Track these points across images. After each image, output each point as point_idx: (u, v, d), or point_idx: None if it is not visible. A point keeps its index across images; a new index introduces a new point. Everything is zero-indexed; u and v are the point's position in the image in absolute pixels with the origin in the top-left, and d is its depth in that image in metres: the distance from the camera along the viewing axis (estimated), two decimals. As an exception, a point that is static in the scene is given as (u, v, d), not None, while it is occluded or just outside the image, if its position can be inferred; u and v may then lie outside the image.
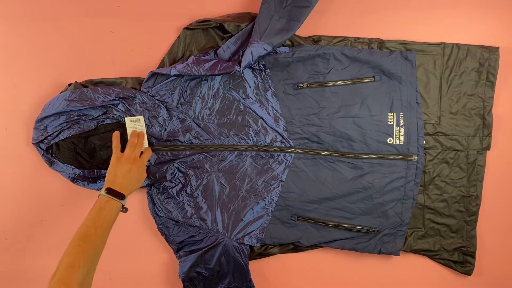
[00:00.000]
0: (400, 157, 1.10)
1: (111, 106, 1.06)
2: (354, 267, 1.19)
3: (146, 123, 1.08)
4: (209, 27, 1.11)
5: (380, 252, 1.11)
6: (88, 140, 1.08)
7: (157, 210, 1.11)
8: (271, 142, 1.11)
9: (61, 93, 1.09)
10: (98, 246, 0.85)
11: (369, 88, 1.10)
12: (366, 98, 1.10)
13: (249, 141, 1.11)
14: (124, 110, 1.06)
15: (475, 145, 1.13)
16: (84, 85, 1.11)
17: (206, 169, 1.11)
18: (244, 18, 1.11)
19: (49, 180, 1.16)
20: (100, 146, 1.10)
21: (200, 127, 1.11)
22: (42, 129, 1.05)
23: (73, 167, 1.06)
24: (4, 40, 1.16)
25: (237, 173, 1.11)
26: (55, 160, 1.07)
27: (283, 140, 1.11)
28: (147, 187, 1.12)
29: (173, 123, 1.09)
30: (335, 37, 1.14)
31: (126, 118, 1.06)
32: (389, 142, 1.10)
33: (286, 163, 1.11)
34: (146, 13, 1.17)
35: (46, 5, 1.16)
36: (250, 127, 1.11)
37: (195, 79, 1.09)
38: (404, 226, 1.11)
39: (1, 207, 1.18)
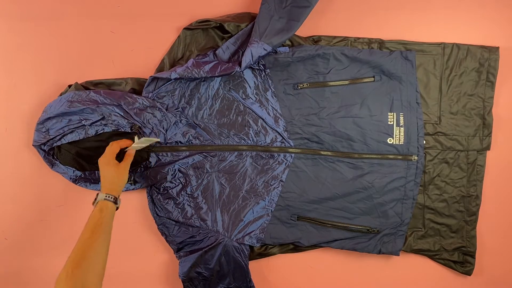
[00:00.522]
0: (400, 157, 1.10)
1: (110, 111, 1.04)
2: (354, 267, 1.19)
3: (147, 127, 1.08)
4: (209, 27, 1.11)
5: (380, 252, 1.11)
6: (90, 143, 1.08)
7: (157, 210, 1.11)
8: (271, 142, 1.12)
9: (61, 94, 1.10)
10: (106, 240, 0.87)
11: (369, 88, 1.10)
12: (366, 98, 1.10)
13: (249, 141, 1.11)
14: (122, 114, 1.05)
15: (475, 145, 1.14)
16: (85, 86, 1.11)
17: (206, 169, 1.11)
18: (244, 18, 1.11)
19: (49, 180, 1.16)
20: (101, 149, 1.08)
21: (200, 127, 1.11)
22: (44, 132, 1.04)
23: (74, 169, 1.06)
24: (4, 40, 1.16)
25: (237, 173, 1.11)
26: (57, 162, 1.06)
27: (283, 140, 1.11)
28: (147, 187, 1.12)
29: (173, 124, 1.09)
30: (335, 37, 1.14)
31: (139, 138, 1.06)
32: (389, 142, 1.10)
33: (286, 163, 1.11)
34: (146, 13, 1.17)
35: (46, 5, 1.16)
36: (250, 127, 1.11)
37: (194, 80, 1.09)
38: (404, 226, 1.11)
39: (1, 207, 1.18)
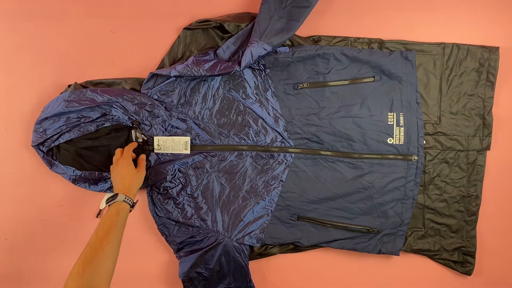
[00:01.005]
0: (400, 157, 1.10)
1: (110, 107, 1.05)
2: (354, 267, 1.19)
3: (146, 124, 1.08)
4: (209, 27, 1.11)
5: (380, 252, 1.11)
6: (89, 142, 1.08)
7: (157, 210, 1.11)
8: (271, 142, 1.11)
9: (60, 94, 1.10)
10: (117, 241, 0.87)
11: (369, 88, 1.10)
12: (366, 98, 1.10)
13: (249, 141, 1.11)
14: (122, 112, 1.06)
15: (475, 145, 1.13)
16: (84, 86, 1.11)
17: (206, 169, 1.11)
18: (244, 18, 1.11)
19: (49, 180, 1.16)
20: (100, 148, 1.09)
21: (200, 127, 1.11)
22: (42, 132, 1.04)
23: (74, 168, 1.06)
24: (4, 40, 1.16)
25: (237, 173, 1.11)
26: (56, 162, 1.07)
27: (283, 140, 1.11)
28: (147, 188, 1.12)
29: (173, 123, 1.09)
30: (335, 37, 1.14)
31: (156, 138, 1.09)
32: (389, 142, 1.10)
33: (286, 163, 1.11)
34: (146, 13, 1.17)
35: (45, 5, 1.16)
36: (250, 127, 1.11)
37: (195, 79, 1.09)
38: (404, 226, 1.11)
39: (1, 207, 1.19)
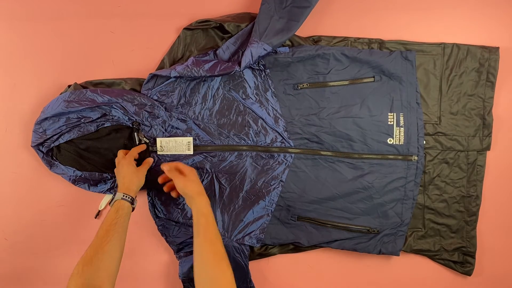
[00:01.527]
0: (400, 157, 1.10)
1: (110, 107, 1.05)
2: (354, 267, 1.19)
3: (146, 125, 1.08)
4: (209, 28, 1.11)
5: (380, 253, 1.11)
6: (89, 143, 1.08)
7: (157, 211, 1.11)
8: (271, 142, 1.11)
9: (60, 95, 1.10)
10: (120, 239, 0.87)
11: (369, 88, 1.10)
12: (366, 98, 1.10)
13: (249, 141, 1.11)
14: (122, 112, 1.06)
15: (475, 145, 1.13)
16: (84, 86, 1.11)
17: (206, 169, 1.11)
18: (244, 18, 1.11)
19: (49, 180, 1.16)
20: (101, 149, 1.09)
21: (200, 128, 1.11)
22: (41, 132, 1.04)
23: (74, 169, 1.06)
24: (4, 40, 1.16)
25: (237, 173, 1.11)
26: (55, 163, 1.07)
27: (283, 140, 1.11)
28: (148, 189, 1.12)
29: (173, 124, 1.09)
30: (335, 37, 1.14)
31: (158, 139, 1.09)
32: (389, 142, 1.10)
33: (286, 163, 1.11)
34: (146, 13, 1.17)
35: (46, 5, 1.16)
36: (250, 127, 1.11)
37: (195, 80, 1.09)
38: (404, 226, 1.11)
39: (1, 207, 1.18)
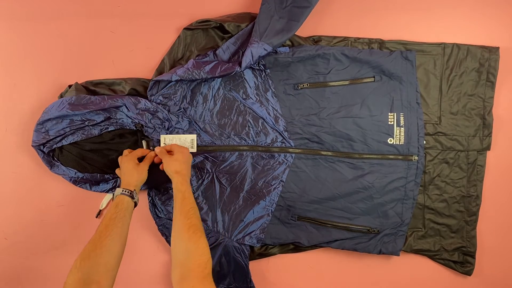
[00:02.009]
0: (400, 157, 1.10)
1: (114, 111, 1.05)
2: (354, 267, 1.19)
3: (149, 127, 1.08)
4: (209, 28, 1.11)
5: (380, 252, 1.11)
6: (92, 146, 1.07)
7: (157, 211, 1.11)
8: (271, 142, 1.11)
9: (61, 95, 1.10)
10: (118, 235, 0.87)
11: (369, 88, 1.10)
12: (366, 98, 1.10)
13: (250, 141, 1.11)
14: (126, 115, 1.06)
15: (475, 145, 1.14)
16: (85, 86, 1.11)
17: (207, 169, 1.11)
18: (244, 18, 1.11)
19: (49, 180, 1.16)
20: (103, 152, 1.09)
21: (201, 128, 1.11)
22: (44, 132, 1.04)
23: (76, 170, 1.06)
24: (4, 40, 1.16)
25: (237, 173, 1.11)
26: (56, 163, 1.07)
27: (283, 140, 1.11)
28: (148, 189, 1.12)
29: (175, 125, 1.09)
30: (335, 37, 1.14)
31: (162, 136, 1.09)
32: (389, 142, 1.10)
33: (287, 163, 1.11)
34: (146, 13, 1.17)
35: (46, 5, 1.16)
36: (250, 127, 1.11)
37: (195, 81, 1.08)
38: (405, 226, 1.11)
39: (1, 207, 1.18)
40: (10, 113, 1.16)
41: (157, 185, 1.10)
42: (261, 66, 1.10)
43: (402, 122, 1.10)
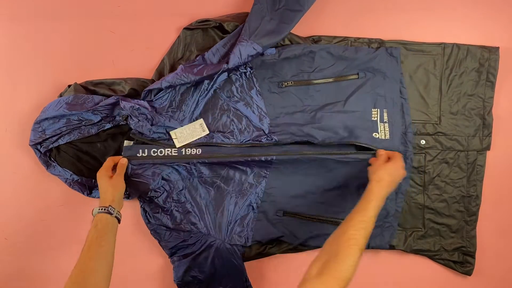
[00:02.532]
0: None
1: (110, 108, 1.05)
2: (354, 267, 1.18)
3: (133, 117, 1.05)
4: (209, 27, 1.11)
5: (369, 247, 1.10)
6: (88, 146, 1.07)
7: (148, 217, 1.10)
8: (256, 138, 1.10)
9: (60, 95, 1.10)
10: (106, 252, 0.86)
11: (353, 85, 1.10)
12: (350, 95, 1.09)
13: (233, 140, 1.10)
14: (119, 114, 1.05)
15: (475, 145, 1.13)
16: (84, 86, 1.11)
17: (192, 172, 1.10)
18: (244, 18, 1.10)
19: (49, 180, 1.16)
20: (98, 154, 1.09)
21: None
22: (41, 131, 1.04)
23: (71, 172, 1.06)
24: (4, 40, 1.16)
25: (221, 173, 1.10)
26: (53, 163, 1.07)
27: (267, 137, 1.10)
28: (138, 197, 1.11)
29: (164, 126, 1.08)
30: (335, 37, 1.14)
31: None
32: (374, 137, 1.09)
33: (271, 158, 1.10)
34: (146, 13, 1.17)
35: (46, 5, 1.16)
36: (234, 125, 1.10)
37: (185, 85, 1.07)
38: (390, 217, 1.10)
39: (1, 207, 1.18)
40: (10, 113, 1.16)
41: (139, 194, 1.09)
42: (246, 66, 1.09)
43: (385, 118, 1.09)
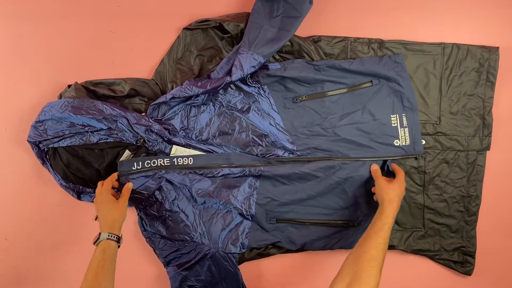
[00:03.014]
0: (407, 157, 1.10)
1: (115, 121, 1.04)
2: (354, 267, 1.19)
3: (150, 140, 1.07)
4: (209, 27, 1.11)
5: None
6: (87, 151, 1.07)
7: (144, 224, 1.11)
8: (279, 155, 1.10)
9: (60, 95, 1.09)
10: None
11: (368, 93, 1.10)
12: (367, 103, 1.09)
13: (255, 157, 1.10)
14: (127, 128, 1.06)
15: (475, 145, 1.13)
16: (84, 86, 1.11)
17: (184, 184, 1.09)
18: (244, 18, 1.11)
19: (49, 180, 1.16)
20: (96, 159, 1.09)
21: (201, 148, 1.10)
22: (42, 130, 1.03)
23: (59, 177, 1.07)
24: (4, 40, 1.16)
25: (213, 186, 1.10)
26: (47, 163, 1.07)
27: (290, 153, 1.10)
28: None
29: (174, 139, 1.08)
30: (335, 37, 1.14)
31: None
32: (396, 144, 1.10)
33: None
34: (146, 13, 1.17)
35: (46, 5, 1.16)
36: (254, 143, 1.10)
37: (195, 104, 1.09)
38: None
39: (1, 207, 1.19)
40: (10, 113, 1.17)
41: (134, 205, 1.10)
42: (257, 83, 1.09)
43: (405, 123, 1.10)
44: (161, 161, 1.07)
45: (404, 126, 1.10)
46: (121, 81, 1.12)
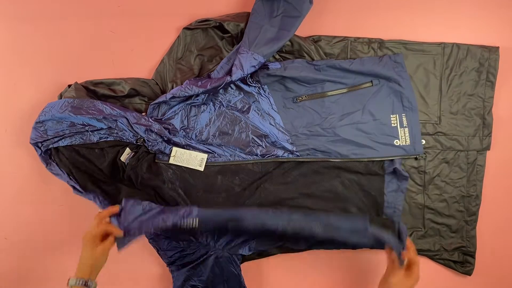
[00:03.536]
0: (407, 157, 1.10)
1: (116, 121, 1.04)
2: (354, 267, 1.18)
3: (150, 140, 1.07)
4: (209, 27, 1.11)
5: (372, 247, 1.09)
6: (87, 150, 1.07)
7: None
8: (279, 155, 1.11)
9: (61, 95, 1.09)
10: None
11: (368, 93, 1.10)
12: (367, 103, 1.10)
13: (256, 157, 1.11)
14: (128, 128, 1.06)
15: (475, 145, 1.13)
16: (84, 86, 1.11)
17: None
18: (244, 17, 1.10)
19: (49, 180, 1.16)
20: (97, 158, 1.08)
21: (199, 148, 1.10)
22: (42, 131, 1.03)
23: (67, 174, 1.06)
24: (4, 40, 1.16)
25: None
26: (52, 163, 1.06)
27: (289, 153, 1.10)
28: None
29: (173, 139, 1.08)
30: (335, 37, 1.14)
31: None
32: (396, 144, 1.10)
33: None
34: (146, 13, 1.17)
35: (46, 5, 1.16)
36: (254, 144, 1.10)
37: (195, 104, 1.08)
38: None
39: (1, 207, 1.19)
40: (10, 113, 1.16)
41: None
42: (257, 83, 1.09)
43: (405, 123, 1.10)
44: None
45: (404, 126, 1.10)
46: (121, 81, 1.12)
